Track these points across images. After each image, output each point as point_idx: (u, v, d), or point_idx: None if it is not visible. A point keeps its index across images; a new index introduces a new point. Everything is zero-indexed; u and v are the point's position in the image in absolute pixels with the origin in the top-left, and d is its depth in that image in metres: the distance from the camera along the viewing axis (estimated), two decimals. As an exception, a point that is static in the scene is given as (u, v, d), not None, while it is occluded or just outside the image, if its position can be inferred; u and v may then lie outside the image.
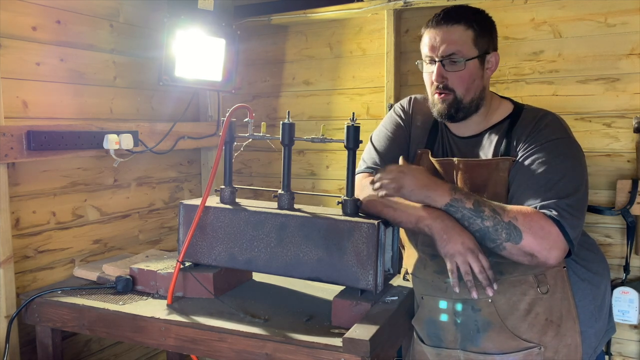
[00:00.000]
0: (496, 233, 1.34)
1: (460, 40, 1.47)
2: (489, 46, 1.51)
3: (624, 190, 2.09)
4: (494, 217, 1.34)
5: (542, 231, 1.31)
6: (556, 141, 1.44)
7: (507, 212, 1.34)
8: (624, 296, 2.06)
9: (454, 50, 1.46)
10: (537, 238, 1.31)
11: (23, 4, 1.88)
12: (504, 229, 1.33)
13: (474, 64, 1.48)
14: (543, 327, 1.43)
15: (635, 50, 2.10)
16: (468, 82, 1.49)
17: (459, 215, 1.38)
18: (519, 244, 1.33)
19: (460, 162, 1.54)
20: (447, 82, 1.49)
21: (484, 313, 1.46)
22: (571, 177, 1.39)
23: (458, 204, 1.38)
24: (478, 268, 1.38)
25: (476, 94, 1.51)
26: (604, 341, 1.58)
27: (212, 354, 1.57)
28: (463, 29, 1.47)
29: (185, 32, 2.13)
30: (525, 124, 1.50)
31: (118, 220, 2.30)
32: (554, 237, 1.32)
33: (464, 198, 1.38)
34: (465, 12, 1.49)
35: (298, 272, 1.61)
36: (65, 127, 1.94)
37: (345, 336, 1.38)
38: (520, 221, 1.32)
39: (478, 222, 1.36)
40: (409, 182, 1.42)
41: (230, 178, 1.77)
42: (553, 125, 1.48)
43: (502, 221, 1.33)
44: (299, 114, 2.75)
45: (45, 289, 1.85)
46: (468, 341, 1.49)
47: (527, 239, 1.32)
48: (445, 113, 1.52)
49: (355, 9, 2.46)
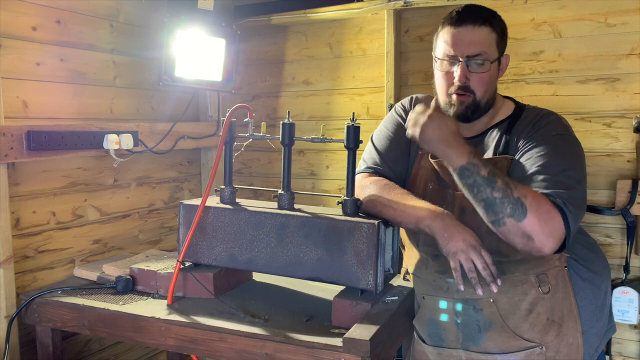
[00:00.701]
0: (502, 205, 1.30)
1: (487, 41, 1.46)
2: (504, 48, 1.53)
3: (624, 190, 2.09)
4: (504, 189, 1.30)
5: (547, 215, 1.29)
6: (558, 137, 1.43)
7: (518, 188, 1.31)
8: (624, 296, 2.06)
9: (480, 51, 1.45)
10: (540, 220, 1.29)
11: (23, 4, 1.88)
12: (511, 203, 1.29)
13: (494, 66, 1.49)
14: (545, 327, 1.43)
15: (635, 50, 2.10)
16: (488, 83, 1.49)
17: (471, 181, 1.34)
18: (521, 222, 1.29)
19: None
20: (469, 82, 1.48)
21: (486, 313, 1.46)
22: (574, 171, 1.38)
23: (473, 169, 1.33)
24: (481, 265, 1.37)
25: (491, 96, 1.52)
26: (605, 341, 1.58)
27: (212, 354, 1.57)
28: (489, 30, 1.46)
29: (185, 32, 2.13)
30: (526, 122, 1.50)
31: (118, 220, 2.30)
32: (556, 224, 1.30)
33: (480, 165, 1.33)
34: (488, 14, 1.48)
35: (298, 272, 1.61)
36: (65, 127, 1.94)
37: (346, 336, 1.38)
38: (529, 200, 1.29)
39: (487, 192, 1.32)
40: (431, 131, 1.37)
41: (230, 178, 1.77)
42: (554, 122, 1.48)
43: (511, 195, 1.30)
44: (299, 114, 2.75)
45: (45, 289, 1.85)
46: (469, 341, 1.49)
47: (530, 218, 1.29)
48: (462, 114, 1.50)
49: (355, 9, 2.46)
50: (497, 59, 1.49)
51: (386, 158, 1.66)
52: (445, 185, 1.55)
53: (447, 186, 1.54)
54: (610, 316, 1.61)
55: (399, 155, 1.66)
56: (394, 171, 1.65)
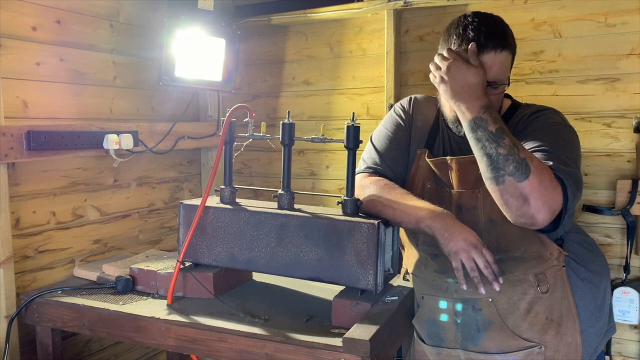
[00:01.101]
0: (505, 163, 1.28)
1: (505, 67, 1.46)
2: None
3: (624, 190, 2.09)
4: (511, 147, 1.28)
5: (549, 182, 1.27)
6: (555, 124, 1.45)
7: (525, 151, 1.30)
8: (625, 296, 2.06)
9: (500, 78, 1.45)
10: (540, 185, 1.26)
11: (23, 4, 1.88)
12: (515, 162, 1.27)
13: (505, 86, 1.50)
14: (543, 327, 1.43)
15: (635, 50, 2.10)
16: (499, 100, 1.51)
17: (478, 135, 1.32)
18: (521, 182, 1.27)
19: (453, 161, 1.53)
20: None
21: (485, 312, 1.46)
22: (572, 153, 1.39)
23: (482, 123, 1.31)
24: (483, 263, 1.37)
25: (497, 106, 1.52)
26: (605, 341, 1.57)
27: (212, 354, 1.57)
28: (507, 54, 1.45)
29: (185, 32, 2.13)
30: (522, 114, 1.52)
31: (118, 220, 2.30)
32: (555, 194, 1.27)
33: (490, 120, 1.31)
34: (506, 35, 1.46)
35: (298, 272, 1.61)
36: (65, 127, 1.94)
37: (346, 336, 1.38)
38: (534, 163, 1.28)
39: (492, 147, 1.30)
40: (452, 81, 1.36)
41: (230, 178, 1.77)
42: (552, 114, 1.49)
43: (517, 154, 1.28)
44: (299, 114, 2.75)
45: (45, 289, 1.85)
46: (468, 341, 1.49)
47: (532, 180, 1.26)
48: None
49: (355, 9, 2.46)
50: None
51: (386, 158, 1.66)
52: (443, 184, 1.55)
53: (445, 185, 1.55)
54: (610, 316, 1.61)
55: (398, 155, 1.67)
56: (394, 171, 1.65)
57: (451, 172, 1.54)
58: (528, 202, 1.27)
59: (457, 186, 1.52)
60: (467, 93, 1.35)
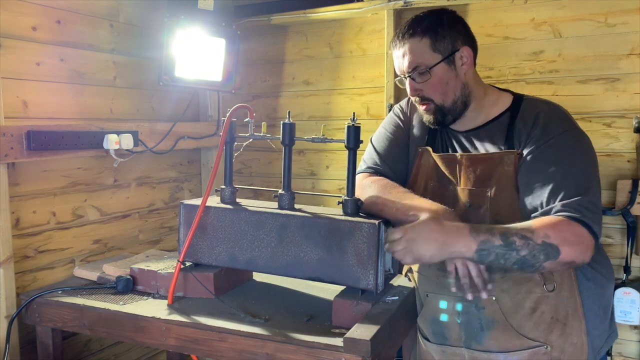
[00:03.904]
0: (534, 258, 1.30)
1: (418, 51, 1.47)
2: (454, 45, 1.48)
3: (624, 191, 2.09)
4: (526, 243, 1.29)
5: (576, 238, 1.30)
6: (562, 135, 1.41)
7: (536, 232, 1.30)
8: (626, 297, 2.06)
9: (416, 64, 1.47)
10: (572, 247, 1.29)
11: (23, 4, 1.88)
12: (541, 251, 1.29)
13: (440, 68, 1.47)
14: (549, 326, 1.43)
15: (635, 50, 2.10)
16: (441, 87, 1.49)
17: (492, 257, 1.31)
18: (557, 259, 1.30)
19: (463, 157, 1.52)
20: (422, 92, 1.50)
21: (488, 311, 1.45)
22: (584, 170, 1.37)
23: (487, 246, 1.30)
24: (476, 272, 1.38)
25: (457, 94, 1.50)
26: (607, 345, 1.55)
27: (212, 354, 1.57)
28: (417, 40, 1.47)
29: (185, 32, 2.13)
30: (526, 117, 1.47)
31: (118, 220, 2.30)
32: (586, 239, 1.30)
33: (490, 236, 1.31)
34: (417, 23, 1.49)
35: (299, 272, 1.61)
36: (65, 127, 1.94)
37: (346, 336, 1.38)
38: (552, 237, 1.29)
39: (514, 255, 1.30)
40: (424, 247, 1.33)
41: (230, 178, 1.77)
42: (555, 118, 1.45)
43: (536, 244, 1.29)
44: (299, 114, 2.75)
45: (45, 289, 1.85)
46: (472, 339, 1.49)
47: (564, 251, 1.29)
48: (434, 121, 1.53)
49: (355, 9, 2.46)
50: (443, 60, 1.47)
51: (386, 158, 1.66)
52: (446, 182, 1.55)
53: (448, 182, 1.54)
54: (612, 320, 1.59)
55: (398, 156, 1.66)
56: (394, 171, 1.65)
57: (460, 168, 1.52)
58: (573, 262, 1.32)
59: (464, 183, 1.50)
60: (449, 235, 1.33)
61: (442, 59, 1.47)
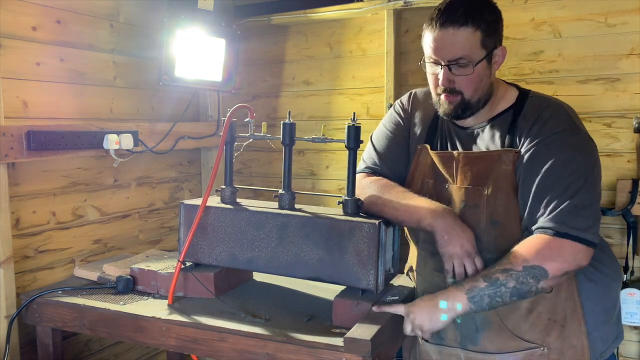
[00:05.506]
0: (525, 284, 1.32)
1: (468, 44, 1.36)
2: (496, 42, 1.42)
3: (624, 191, 2.09)
4: (509, 275, 1.32)
5: (554, 251, 1.31)
6: (560, 134, 1.38)
7: (514, 262, 1.32)
8: (631, 298, 2.06)
9: (462, 55, 1.37)
10: (555, 260, 1.30)
11: (23, 4, 1.87)
12: (527, 276, 1.31)
13: (482, 65, 1.40)
14: (546, 327, 1.42)
15: (635, 50, 2.10)
16: (476, 83, 1.41)
17: (486, 301, 1.34)
18: (549, 276, 1.31)
19: (460, 155, 1.49)
20: (454, 84, 1.42)
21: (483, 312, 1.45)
22: (576, 170, 1.35)
23: (475, 292, 1.35)
24: (472, 272, 1.40)
25: (484, 92, 1.44)
26: (613, 348, 1.52)
27: (213, 354, 1.56)
28: (471, 31, 1.35)
29: (185, 32, 2.13)
30: (528, 116, 1.43)
31: (118, 220, 2.30)
32: (566, 248, 1.31)
33: (473, 283, 1.35)
34: (472, 10, 1.36)
35: (299, 272, 1.61)
36: (65, 127, 1.94)
37: (347, 336, 1.38)
38: (531, 259, 1.31)
39: (503, 290, 1.33)
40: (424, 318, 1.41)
41: (230, 178, 1.77)
42: (556, 117, 1.41)
43: (519, 272, 1.31)
44: (299, 114, 2.75)
45: (45, 289, 1.85)
46: (467, 340, 1.48)
47: (550, 267, 1.30)
48: (452, 113, 1.45)
49: (355, 9, 2.46)
50: (485, 57, 1.40)
51: (385, 158, 1.65)
52: (443, 180, 1.53)
53: (445, 181, 1.53)
54: (618, 323, 1.56)
55: (398, 154, 1.65)
56: (393, 171, 1.64)
57: (457, 166, 1.50)
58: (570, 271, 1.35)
59: (461, 181, 1.49)
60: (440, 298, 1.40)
61: (486, 55, 1.39)
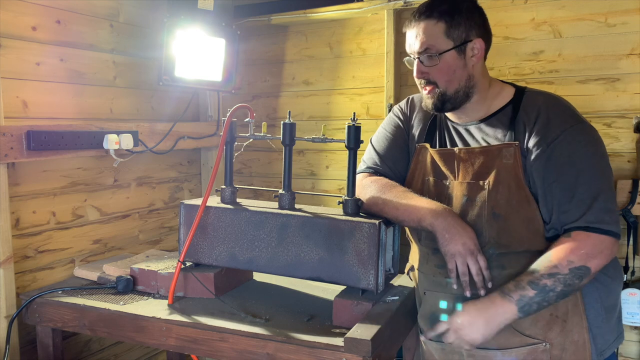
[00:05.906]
0: (571, 286, 1.34)
1: (432, 34, 1.44)
2: (467, 34, 1.46)
3: (624, 191, 2.09)
4: (557, 280, 1.33)
5: (596, 248, 1.34)
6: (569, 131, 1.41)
7: (559, 265, 1.34)
8: (632, 298, 2.06)
9: (427, 46, 1.45)
10: (597, 257, 1.34)
11: (23, 4, 1.87)
12: (573, 277, 1.34)
13: (450, 55, 1.45)
14: (548, 323, 1.42)
15: (635, 50, 2.10)
16: (448, 74, 1.47)
17: (534, 307, 1.35)
18: (591, 273, 1.35)
19: (461, 151, 1.51)
20: (428, 76, 1.49)
21: None
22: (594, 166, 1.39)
23: (525, 301, 1.34)
24: (475, 270, 1.40)
25: (461, 84, 1.48)
26: (613, 348, 1.53)
27: (213, 354, 1.56)
28: (433, 22, 1.44)
29: (185, 32, 2.13)
30: (527, 111, 1.46)
31: (118, 220, 2.30)
32: (606, 243, 1.35)
33: (521, 292, 1.35)
34: (436, 5, 1.45)
35: (299, 272, 1.61)
36: (65, 127, 1.94)
37: (347, 336, 1.38)
38: (576, 260, 1.33)
39: (552, 295, 1.34)
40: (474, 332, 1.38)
41: (231, 178, 1.77)
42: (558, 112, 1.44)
43: (565, 276, 1.33)
44: (299, 114, 2.75)
45: (45, 289, 1.85)
46: None
47: (593, 264, 1.34)
48: (432, 106, 1.52)
49: (355, 9, 2.46)
50: (454, 48, 1.45)
51: (385, 158, 1.66)
52: (443, 177, 1.54)
53: (445, 177, 1.54)
54: (619, 323, 1.57)
55: (398, 156, 1.66)
56: (394, 171, 1.65)
57: (459, 162, 1.51)
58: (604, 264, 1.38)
59: (462, 177, 1.50)
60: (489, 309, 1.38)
61: (454, 46, 1.45)
